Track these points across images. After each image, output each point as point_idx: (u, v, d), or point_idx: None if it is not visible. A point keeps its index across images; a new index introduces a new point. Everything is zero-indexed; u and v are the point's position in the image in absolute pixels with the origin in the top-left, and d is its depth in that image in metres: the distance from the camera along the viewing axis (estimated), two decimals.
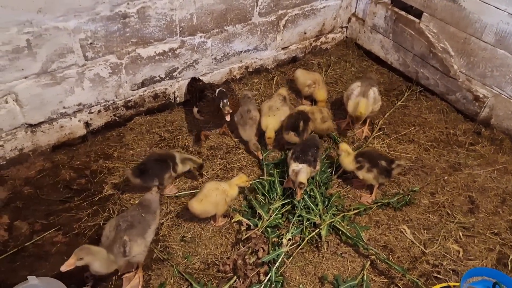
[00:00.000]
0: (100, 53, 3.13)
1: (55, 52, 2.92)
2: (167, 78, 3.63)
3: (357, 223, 2.89)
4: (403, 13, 4.08)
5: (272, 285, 2.48)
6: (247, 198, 3.02)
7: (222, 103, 3.05)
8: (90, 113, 3.38)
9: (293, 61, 4.47)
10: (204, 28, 3.56)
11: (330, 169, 3.26)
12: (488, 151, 3.51)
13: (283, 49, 4.31)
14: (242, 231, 2.77)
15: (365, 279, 2.57)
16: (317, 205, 2.92)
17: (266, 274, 2.51)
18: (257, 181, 3.10)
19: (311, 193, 3.00)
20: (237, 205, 3.00)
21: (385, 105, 3.97)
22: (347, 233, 2.77)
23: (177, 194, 3.05)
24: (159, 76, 3.57)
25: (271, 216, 2.82)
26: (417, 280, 2.53)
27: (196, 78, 3.71)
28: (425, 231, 2.90)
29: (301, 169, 2.81)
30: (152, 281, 2.56)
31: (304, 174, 2.79)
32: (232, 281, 2.50)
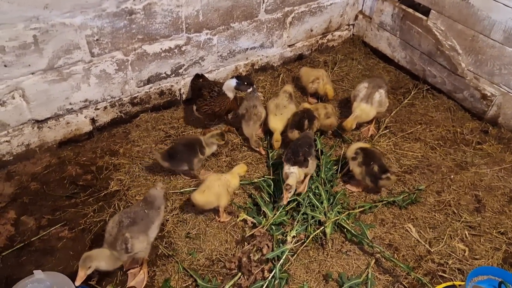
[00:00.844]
0: (106, 49, 3.14)
1: (61, 48, 2.93)
2: (173, 75, 3.64)
3: (362, 221, 2.89)
4: (410, 10, 4.05)
5: (276, 282, 2.48)
6: (252, 196, 3.02)
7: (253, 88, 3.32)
8: (96, 109, 3.39)
9: (299, 58, 4.46)
10: (210, 25, 3.56)
11: (335, 166, 3.25)
12: (495, 150, 3.48)
13: (289, 46, 4.30)
14: (246, 228, 2.77)
15: (369, 277, 2.56)
16: (322, 202, 2.91)
17: (270, 271, 2.51)
18: (262, 180, 3.10)
19: (316, 190, 3.00)
20: (242, 202, 3.01)
21: (391, 103, 3.94)
22: (352, 231, 2.76)
23: (182, 190, 3.05)
24: (165, 73, 3.58)
25: (275, 214, 2.82)
26: (422, 279, 2.51)
27: (199, 74, 3.69)
28: (431, 230, 2.88)
29: (291, 173, 2.78)
30: (157, 277, 2.57)
31: (293, 178, 2.77)
32: (236, 277, 2.50)
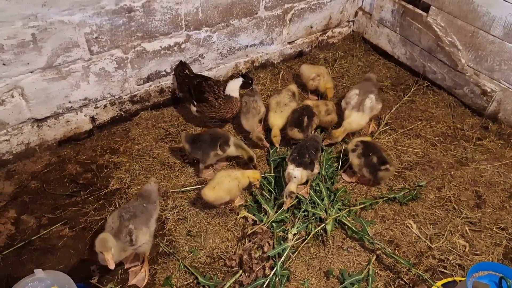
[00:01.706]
0: (106, 47, 3.13)
1: (60, 46, 2.92)
2: (173, 72, 3.63)
3: (363, 217, 2.89)
4: (410, 6, 4.04)
5: (278, 279, 2.48)
6: (252, 193, 3.02)
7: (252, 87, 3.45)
8: (96, 107, 3.38)
9: (299, 55, 4.45)
10: (209, 22, 3.54)
11: (336, 163, 3.25)
12: (496, 146, 3.48)
13: (289, 43, 4.29)
14: (247, 226, 2.77)
15: (370, 273, 2.56)
16: (322, 199, 2.91)
17: (271, 268, 2.51)
18: (262, 177, 3.09)
19: (317, 187, 3.00)
20: (243, 199, 3.00)
21: (391, 99, 3.95)
22: (353, 228, 2.76)
23: (184, 189, 3.05)
24: (164, 71, 3.57)
25: (276, 211, 2.82)
26: (423, 275, 2.52)
27: (183, 62, 3.55)
28: (431, 226, 2.88)
29: (294, 178, 2.77)
30: (158, 275, 2.57)
31: (295, 184, 2.78)
32: (237, 275, 2.51)
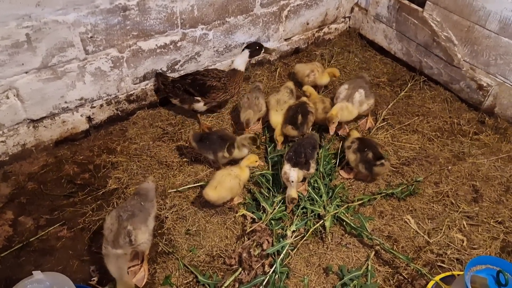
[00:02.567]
0: (101, 46, 3.12)
1: (55, 46, 2.91)
2: (169, 71, 3.61)
3: (361, 213, 2.89)
4: (406, 1, 4.04)
5: (277, 276, 2.48)
6: (251, 191, 3.02)
7: (264, 49, 3.59)
8: (92, 107, 3.37)
9: (296, 52, 4.44)
10: (205, 20, 3.53)
11: (334, 160, 3.25)
12: (492, 140, 3.49)
13: (285, 40, 4.28)
14: (246, 224, 2.77)
15: (369, 269, 2.57)
16: (321, 196, 2.92)
17: (271, 266, 2.51)
18: (260, 174, 3.09)
19: (315, 184, 3.00)
20: (242, 198, 3.00)
21: (388, 95, 3.95)
22: (352, 224, 2.76)
23: (181, 189, 3.04)
24: (160, 69, 3.56)
25: (275, 208, 2.82)
26: (421, 269, 2.53)
27: (159, 73, 3.52)
28: (429, 221, 2.89)
29: (292, 182, 2.77)
30: (158, 274, 2.57)
31: (294, 188, 2.78)
32: (237, 273, 2.51)
